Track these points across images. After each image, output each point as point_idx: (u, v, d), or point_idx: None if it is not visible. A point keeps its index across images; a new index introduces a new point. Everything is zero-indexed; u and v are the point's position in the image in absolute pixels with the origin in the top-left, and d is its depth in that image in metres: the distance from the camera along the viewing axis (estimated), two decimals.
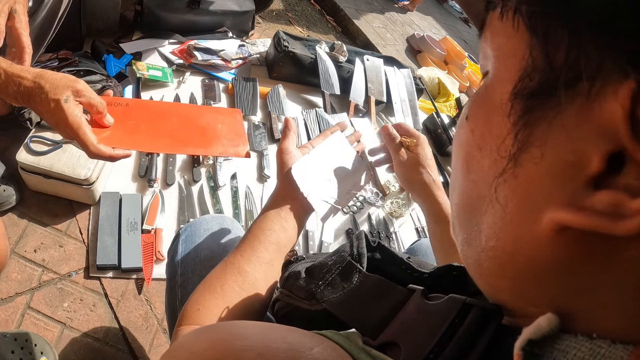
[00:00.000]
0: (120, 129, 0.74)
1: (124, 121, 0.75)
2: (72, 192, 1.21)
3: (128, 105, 0.77)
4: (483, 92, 0.26)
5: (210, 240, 0.80)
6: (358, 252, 0.45)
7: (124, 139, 0.73)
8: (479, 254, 0.26)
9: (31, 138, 1.15)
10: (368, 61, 2.18)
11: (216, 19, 1.95)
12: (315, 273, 0.45)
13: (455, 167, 0.29)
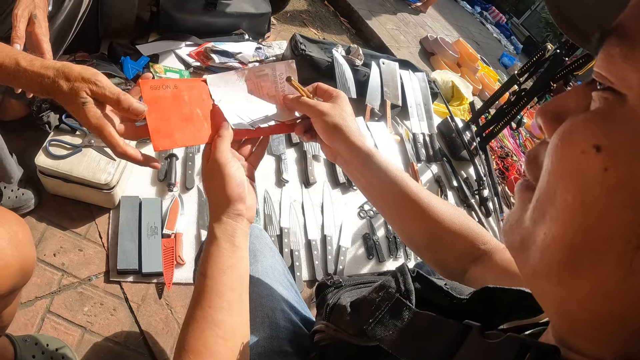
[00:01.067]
0: (178, 118, 0.62)
1: (178, 108, 0.63)
2: (91, 196, 1.20)
3: (177, 87, 0.64)
4: (629, 118, 0.22)
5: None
6: (406, 288, 0.45)
7: (187, 134, 0.62)
8: (573, 302, 0.25)
9: (50, 142, 1.14)
10: (384, 65, 2.16)
11: (232, 21, 1.94)
12: (363, 310, 0.45)
13: (564, 197, 0.25)
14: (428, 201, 0.60)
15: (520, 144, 3.57)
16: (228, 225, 0.57)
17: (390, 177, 0.61)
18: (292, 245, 1.42)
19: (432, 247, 0.63)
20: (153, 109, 0.60)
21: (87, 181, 1.14)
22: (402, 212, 0.63)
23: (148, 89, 0.60)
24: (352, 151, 0.62)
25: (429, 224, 0.60)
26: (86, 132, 1.19)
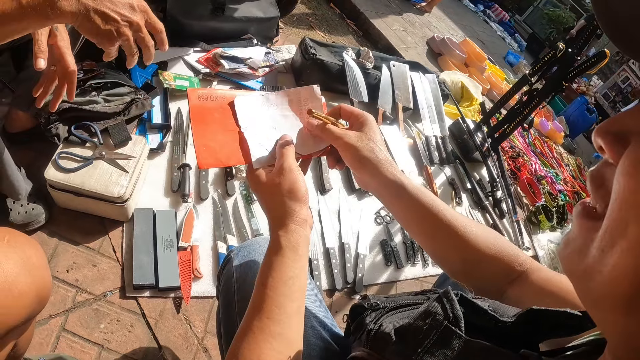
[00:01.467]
0: (222, 134, 0.60)
1: (223, 122, 0.61)
2: (104, 209, 1.17)
3: (224, 98, 0.62)
4: None
5: None
6: (454, 314, 0.42)
7: (229, 152, 0.60)
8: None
9: (59, 154, 1.11)
10: (394, 67, 2.13)
11: (240, 26, 1.91)
12: (410, 338, 0.43)
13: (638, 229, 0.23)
14: (463, 227, 0.59)
15: (529, 143, 3.53)
16: (294, 233, 0.56)
17: (423, 206, 0.60)
18: (310, 254, 1.38)
19: (470, 272, 0.62)
20: (199, 122, 0.59)
21: (100, 195, 1.10)
22: (438, 240, 0.62)
23: (195, 99, 0.60)
24: (382, 184, 0.61)
25: (466, 250, 0.59)
26: (97, 144, 1.15)
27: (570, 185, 3.42)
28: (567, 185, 3.36)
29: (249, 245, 0.80)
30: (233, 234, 1.30)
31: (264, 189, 0.59)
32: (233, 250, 0.81)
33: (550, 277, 0.56)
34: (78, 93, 1.24)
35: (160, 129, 1.43)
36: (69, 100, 1.20)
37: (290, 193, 0.57)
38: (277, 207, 0.58)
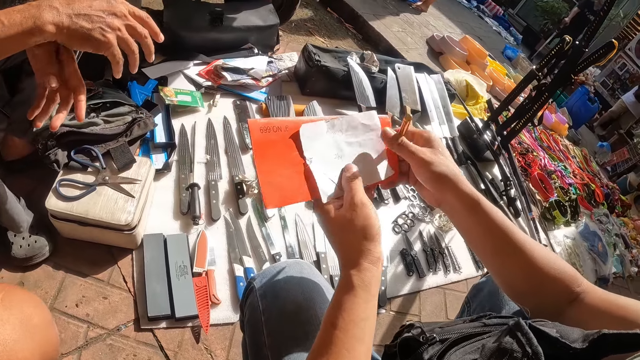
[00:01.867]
0: (287, 168, 0.58)
1: (288, 155, 0.58)
2: (111, 237, 1.10)
3: (287, 128, 0.59)
4: None
5: (294, 293, 0.70)
6: (533, 350, 0.41)
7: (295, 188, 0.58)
8: None
9: (60, 182, 1.04)
10: (399, 69, 2.07)
11: (240, 35, 1.85)
12: None
13: None
14: (531, 248, 0.59)
15: (536, 138, 3.47)
16: (367, 272, 0.53)
17: (496, 223, 0.59)
18: (331, 270, 1.32)
19: (533, 293, 0.61)
20: (263, 157, 0.56)
21: (106, 223, 1.04)
22: (505, 260, 0.61)
23: (257, 132, 0.57)
24: (460, 200, 0.60)
25: (531, 271, 0.59)
26: (99, 168, 1.09)
27: (580, 178, 3.36)
28: (577, 177, 3.31)
29: (272, 272, 0.74)
30: (249, 255, 1.23)
31: (334, 225, 0.57)
32: (255, 278, 0.75)
33: (606, 297, 0.56)
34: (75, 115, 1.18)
35: (165, 148, 1.36)
36: (68, 124, 1.14)
37: (364, 230, 0.54)
38: (349, 245, 0.55)
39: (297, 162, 0.58)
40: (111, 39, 0.63)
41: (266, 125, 0.57)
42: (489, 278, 0.95)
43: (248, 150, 1.52)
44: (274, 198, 0.56)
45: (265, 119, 0.58)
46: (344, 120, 0.62)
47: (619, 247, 2.83)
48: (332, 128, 0.62)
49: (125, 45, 0.66)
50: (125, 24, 0.65)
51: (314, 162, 0.58)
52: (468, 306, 0.96)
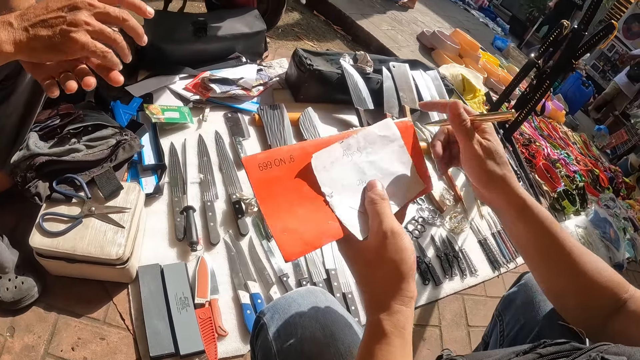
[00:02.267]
0: (301, 206, 0.48)
1: (300, 191, 0.49)
2: (103, 273, 1.01)
3: (293, 159, 0.50)
4: None
5: (311, 329, 0.61)
6: None
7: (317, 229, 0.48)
8: None
9: (43, 216, 0.95)
10: (394, 68, 2.00)
11: (226, 45, 1.77)
12: None
13: None
14: (579, 253, 0.56)
15: (536, 127, 3.41)
16: (400, 315, 0.45)
17: (546, 228, 0.56)
18: (344, 287, 1.22)
19: (581, 302, 0.58)
20: (268, 199, 0.47)
21: (95, 258, 0.95)
22: (553, 267, 0.57)
23: (256, 170, 0.47)
24: (507, 202, 0.56)
25: (580, 279, 0.56)
26: (84, 199, 1.00)
27: (583, 164, 3.31)
28: (580, 164, 3.25)
29: (284, 306, 0.65)
30: (254, 279, 1.14)
31: (358, 259, 0.49)
32: (264, 313, 0.66)
33: None
34: (55, 142, 1.10)
35: (154, 170, 1.27)
36: (47, 152, 1.06)
37: (395, 266, 0.46)
38: (378, 284, 0.47)
39: (312, 196, 0.49)
40: (80, 37, 0.52)
41: (266, 160, 0.48)
42: (520, 287, 0.87)
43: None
44: (294, 248, 0.46)
45: (263, 153, 0.48)
46: (360, 137, 0.53)
47: (628, 231, 2.77)
48: (348, 149, 0.52)
49: (103, 36, 0.54)
50: (94, 13, 0.54)
51: (335, 196, 0.49)
52: (500, 320, 0.87)
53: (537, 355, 0.49)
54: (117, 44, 0.56)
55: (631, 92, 5.76)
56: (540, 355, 0.49)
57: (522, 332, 0.79)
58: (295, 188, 0.48)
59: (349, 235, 0.48)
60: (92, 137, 1.12)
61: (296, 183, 0.49)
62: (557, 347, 0.50)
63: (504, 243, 1.84)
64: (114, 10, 0.56)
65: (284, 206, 0.47)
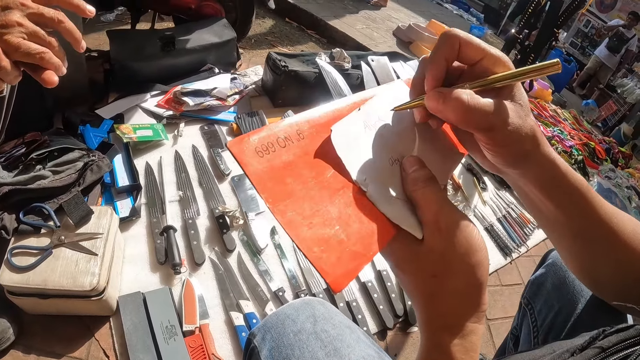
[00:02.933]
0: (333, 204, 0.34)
1: (324, 181, 0.35)
2: (80, 307, 0.92)
3: (302, 135, 0.36)
4: None
5: (311, 349, 0.51)
6: None
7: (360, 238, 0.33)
8: None
9: (12, 251, 0.88)
10: (373, 62, 1.94)
11: (197, 57, 1.70)
12: None
13: None
14: (617, 220, 0.43)
15: None
16: (474, 336, 0.34)
17: (583, 199, 0.41)
18: (346, 295, 1.13)
19: (622, 279, 0.46)
20: (285, 202, 0.32)
21: (68, 291, 0.86)
22: (587, 245, 0.45)
23: (254, 159, 0.33)
24: (536, 170, 0.39)
25: (620, 254, 0.44)
26: (53, 228, 0.91)
27: (577, 138, 3.26)
28: (575, 139, 3.20)
29: (276, 324, 0.55)
30: (247, 298, 1.05)
31: (422, 272, 0.35)
32: (255, 334, 0.56)
33: None
34: (20, 171, 1.03)
35: (130, 192, 1.18)
36: (10, 181, 0.98)
37: (471, 272, 0.34)
38: (448, 300, 0.34)
39: (339, 186, 0.35)
40: (11, 39, 0.48)
41: (265, 141, 0.34)
42: (548, 268, 0.77)
43: (225, 177, 1.35)
44: (342, 268, 0.32)
45: (259, 131, 0.34)
46: (375, 104, 0.40)
47: (633, 200, 2.72)
48: (369, 119, 0.39)
49: (38, 39, 0.50)
50: (27, 14, 0.50)
51: (371, 184, 0.36)
52: (529, 308, 0.78)
53: (599, 350, 0.39)
54: (53, 47, 0.52)
55: (613, 63, 5.79)
56: (602, 349, 0.39)
57: (559, 319, 0.69)
58: (316, 177, 0.34)
59: (400, 237, 0.35)
60: (58, 162, 1.05)
61: (315, 170, 0.35)
62: (620, 335, 0.40)
63: (511, 227, 1.76)
64: (49, 12, 0.51)
65: (308, 206, 0.33)
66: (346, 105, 0.40)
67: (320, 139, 0.36)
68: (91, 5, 0.56)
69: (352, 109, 0.39)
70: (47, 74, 0.52)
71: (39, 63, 0.51)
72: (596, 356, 0.38)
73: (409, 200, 0.37)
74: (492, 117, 0.34)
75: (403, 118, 0.40)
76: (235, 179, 1.34)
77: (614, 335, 0.40)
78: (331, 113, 0.38)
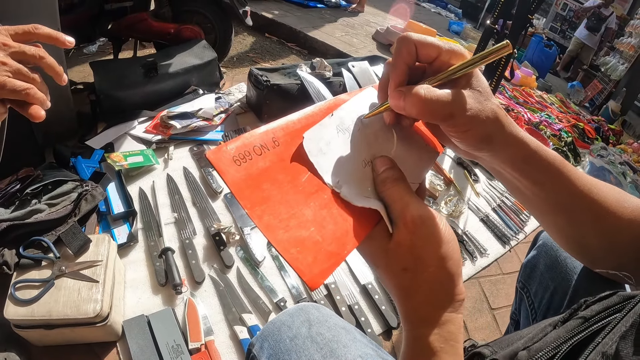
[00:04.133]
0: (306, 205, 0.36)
1: (298, 186, 0.37)
2: (86, 334, 0.94)
3: (277, 142, 0.38)
4: None
5: (307, 353, 0.52)
6: None
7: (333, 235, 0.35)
8: None
9: (15, 285, 0.89)
10: (354, 67, 1.97)
11: (180, 81, 1.73)
12: None
13: None
14: (597, 190, 0.45)
15: (510, 97, 3.40)
16: (451, 325, 0.35)
17: (559, 173, 0.43)
18: (347, 299, 1.15)
19: (611, 247, 0.47)
20: (262, 207, 0.34)
21: (73, 320, 0.88)
22: (574, 216, 0.46)
23: (232, 168, 0.35)
24: (504, 157, 0.41)
25: (604, 220, 0.46)
26: (53, 259, 0.93)
27: (566, 121, 3.30)
28: (563, 121, 3.24)
29: (273, 331, 0.57)
30: (249, 311, 1.06)
31: (393, 266, 0.37)
32: (253, 344, 0.58)
33: None
34: (16, 206, 1.04)
35: (126, 218, 1.20)
36: (7, 217, 1.00)
37: (440, 263, 0.36)
38: (421, 293, 0.36)
39: (315, 189, 0.37)
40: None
41: (242, 150, 0.35)
42: (539, 250, 0.78)
43: (217, 195, 1.37)
44: (317, 267, 0.34)
45: (234, 141, 0.36)
46: (348, 108, 0.42)
47: (628, 175, 2.74)
48: (342, 124, 0.41)
49: (22, 76, 0.52)
50: (10, 53, 0.52)
51: (344, 186, 0.38)
52: (525, 292, 0.78)
53: (582, 320, 0.40)
54: (36, 82, 0.54)
55: (594, 43, 5.85)
56: (585, 319, 0.39)
57: (555, 298, 0.69)
58: (291, 182, 0.36)
59: (373, 234, 0.37)
60: (52, 195, 1.07)
61: (290, 174, 0.36)
62: (602, 303, 0.41)
63: (507, 215, 1.77)
64: (30, 49, 0.54)
65: (284, 210, 0.35)
66: (320, 110, 0.41)
67: (295, 145, 0.38)
68: (70, 37, 0.59)
69: (326, 114, 0.41)
70: (34, 108, 0.54)
71: (24, 99, 0.53)
72: (579, 326, 0.39)
73: (380, 199, 0.38)
74: (450, 106, 0.36)
75: (375, 121, 0.42)
76: (228, 196, 1.36)
77: (597, 304, 0.41)
78: (304, 119, 0.40)
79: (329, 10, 3.63)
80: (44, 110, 0.56)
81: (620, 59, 4.87)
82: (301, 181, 0.37)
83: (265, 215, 0.34)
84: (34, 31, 0.55)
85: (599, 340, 0.34)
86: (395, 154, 0.41)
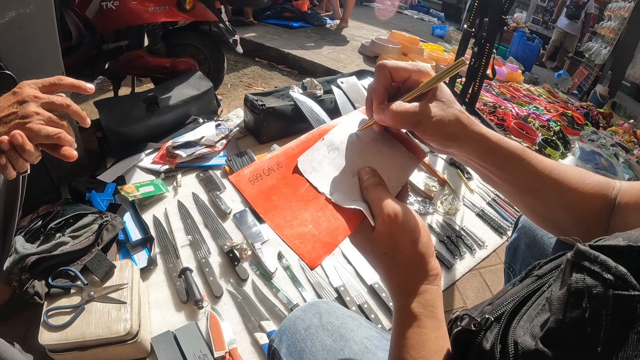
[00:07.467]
0: (306, 210, 0.47)
1: (297, 194, 0.48)
2: (118, 352, 1.01)
3: (281, 165, 0.49)
4: None
5: (320, 339, 0.61)
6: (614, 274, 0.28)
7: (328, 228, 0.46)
8: None
9: (47, 313, 0.97)
10: (343, 83, 2.08)
11: (181, 112, 1.84)
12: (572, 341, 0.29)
13: None
14: (559, 171, 0.52)
15: (498, 94, 3.50)
16: (427, 294, 0.44)
17: (519, 159, 0.51)
18: (357, 299, 1.22)
19: (576, 217, 0.54)
20: (272, 212, 0.46)
21: (106, 339, 0.95)
22: (539, 194, 0.53)
23: (248, 186, 0.47)
24: (470, 151, 0.50)
25: (568, 195, 0.52)
26: (82, 286, 1.01)
27: (554, 110, 3.38)
28: (551, 112, 3.32)
29: (289, 325, 0.65)
30: (267, 318, 1.14)
31: (377, 252, 0.46)
32: (273, 339, 0.66)
33: None
34: (42, 241, 1.12)
35: (144, 245, 1.29)
36: (35, 251, 1.08)
37: (411, 247, 0.45)
38: (400, 271, 0.45)
39: (312, 197, 0.48)
40: (34, 126, 0.59)
41: (254, 173, 0.48)
42: (519, 232, 0.86)
43: (227, 216, 1.46)
44: (315, 252, 0.44)
45: (248, 167, 0.49)
46: (337, 131, 0.53)
47: (620, 155, 2.81)
48: (332, 145, 0.51)
49: (53, 123, 0.61)
50: (41, 104, 0.61)
51: (335, 194, 0.48)
52: (512, 271, 0.87)
53: (535, 278, 0.46)
54: (65, 127, 0.63)
55: (576, 30, 5.93)
56: (538, 277, 0.46)
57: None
58: (293, 193, 0.48)
59: (360, 228, 0.47)
60: (75, 228, 1.15)
61: (292, 188, 0.48)
62: (552, 263, 0.47)
63: (501, 207, 1.85)
64: (57, 99, 0.63)
65: (289, 214, 0.46)
66: (313, 136, 0.52)
67: (293, 166, 0.50)
68: (91, 84, 0.69)
69: (318, 138, 0.52)
70: (66, 149, 0.63)
71: (57, 142, 0.61)
72: (532, 283, 0.45)
73: (365, 202, 0.48)
74: (417, 115, 0.46)
75: (365, 135, 0.53)
76: (237, 216, 1.45)
77: (548, 264, 0.48)
78: (301, 145, 0.51)
79: (314, 28, 3.76)
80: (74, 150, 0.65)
81: (602, 43, 4.95)
82: (301, 192, 0.48)
83: (275, 218, 0.46)
84: (59, 82, 0.64)
85: (544, 290, 0.42)
86: (380, 163, 0.52)
